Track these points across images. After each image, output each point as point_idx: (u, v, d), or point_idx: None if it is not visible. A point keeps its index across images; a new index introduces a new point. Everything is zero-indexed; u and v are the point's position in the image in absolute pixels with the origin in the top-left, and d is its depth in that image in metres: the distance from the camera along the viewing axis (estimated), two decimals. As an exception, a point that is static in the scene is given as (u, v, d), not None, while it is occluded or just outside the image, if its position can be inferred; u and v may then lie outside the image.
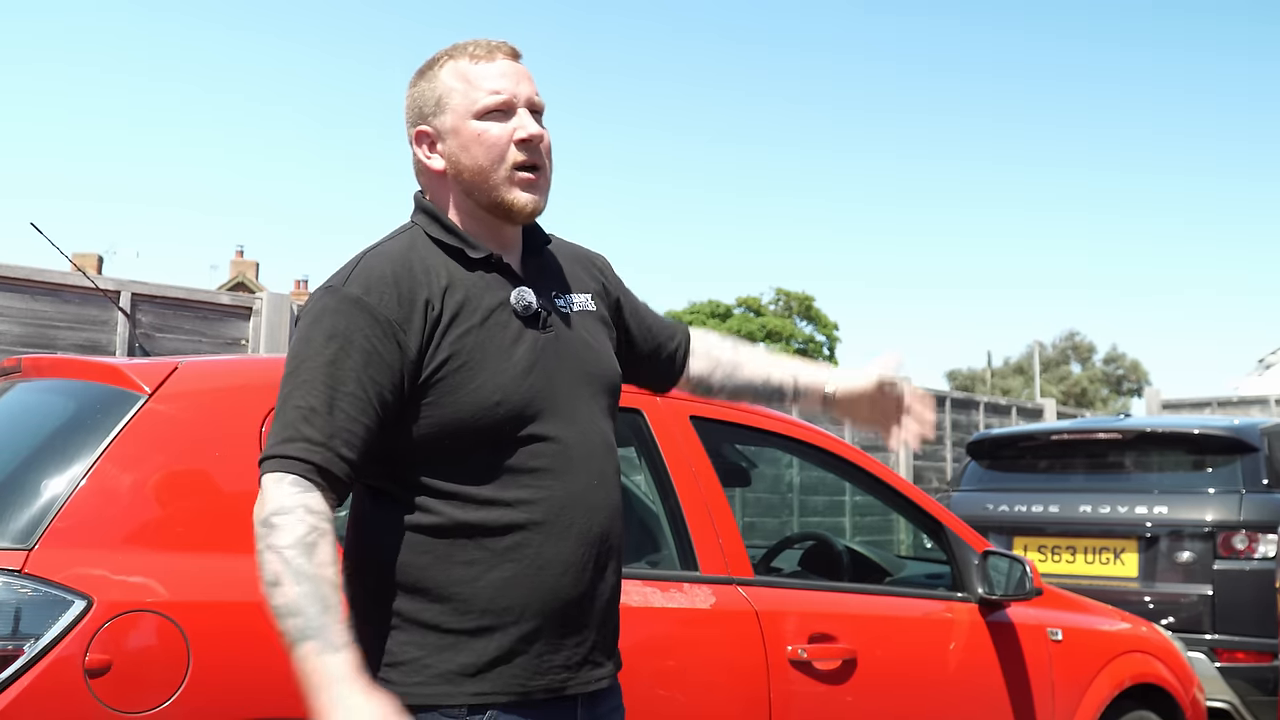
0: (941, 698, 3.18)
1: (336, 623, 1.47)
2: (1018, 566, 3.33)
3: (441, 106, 1.70)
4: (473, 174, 1.69)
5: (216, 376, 2.49)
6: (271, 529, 1.49)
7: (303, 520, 1.49)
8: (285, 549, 1.48)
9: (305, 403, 1.55)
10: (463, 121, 1.68)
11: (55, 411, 2.39)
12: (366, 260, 1.66)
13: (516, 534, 1.61)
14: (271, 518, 1.50)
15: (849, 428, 9.85)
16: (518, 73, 1.72)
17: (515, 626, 1.60)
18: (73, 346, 5.59)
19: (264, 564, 1.49)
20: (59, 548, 2.02)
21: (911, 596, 3.32)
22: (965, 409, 11.42)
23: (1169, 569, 5.54)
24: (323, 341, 1.58)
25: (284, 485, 1.51)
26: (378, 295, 1.60)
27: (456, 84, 1.69)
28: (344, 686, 1.43)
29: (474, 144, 1.68)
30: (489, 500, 1.62)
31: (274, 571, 1.48)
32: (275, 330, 6.31)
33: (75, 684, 1.93)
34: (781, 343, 37.50)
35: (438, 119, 1.71)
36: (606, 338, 1.85)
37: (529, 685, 1.61)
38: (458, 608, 1.60)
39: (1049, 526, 5.91)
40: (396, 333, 1.59)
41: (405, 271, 1.63)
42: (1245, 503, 5.49)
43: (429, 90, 1.72)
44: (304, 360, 1.58)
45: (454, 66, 1.71)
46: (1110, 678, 3.65)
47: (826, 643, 2.89)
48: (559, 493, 1.65)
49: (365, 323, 1.58)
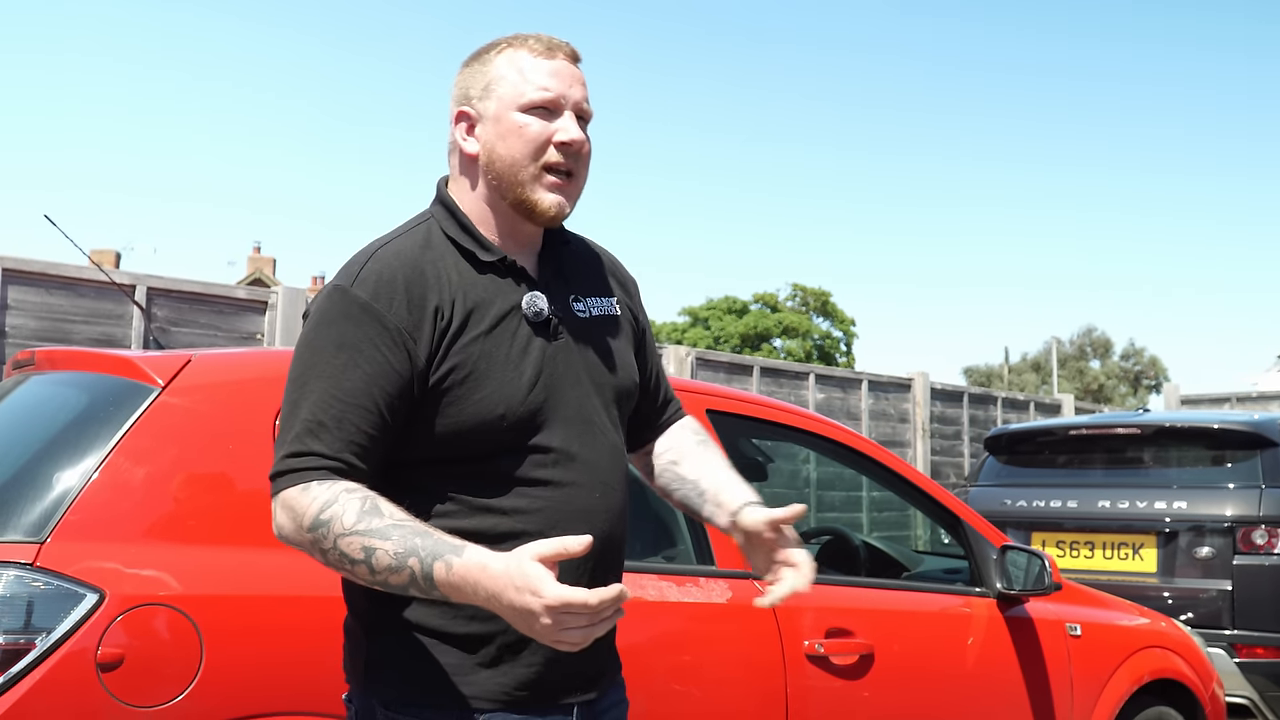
0: (959, 693, 3.16)
1: (443, 535, 1.45)
2: (1036, 561, 3.30)
3: (489, 92, 1.67)
4: (505, 165, 1.65)
5: (230, 369, 2.48)
6: (327, 524, 1.46)
7: (351, 497, 1.47)
8: (355, 526, 1.44)
9: (313, 416, 1.52)
10: (507, 111, 1.66)
11: (68, 404, 2.39)
12: (377, 259, 1.62)
13: (513, 543, 1.54)
14: (320, 515, 1.46)
15: (865, 422, 9.82)
16: (573, 75, 1.69)
17: (508, 633, 1.57)
18: (88, 340, 5.59)
19: (345, 554, 1.44)
20: (71, 541, 2.02)
21: (929, 591, 3.29)
22: (983, 404, 11.38)
23: (1188, 564, 5.50)
24: (332, 351, 1.55)
25: (312, 489, 1.49)
26: (387, 301, 1.57)
27: (509, 73, 1.67)
28: (490, 569, 1.40)
29: (513, 135, 1.65)
30: (487, 508, 1.59)
31: (359, 548, 1.44)
32: (291, 324, 6.31)
33: (87, 678, 1.92)
34: (798, 338, 37.44)
35: (483, 103, 1.68)
36: (627, 342, 1.80)
37: (519, 693, 1.59)
38: (454, 614, 1.57)
39: (1067, 522, 5.88)
40: (406, 340, 1.56)
41: (416, 275, 1.60)
42: (1265, 498, 5.45)
43: (480, 73, 1.69)
44: (311, 367, 1.56)
45: (511, 55, 1.68)
46: (1129, 673, 3.62)
47: (843, 638, 2.87)
48: (559, 503, 1.62)
49: (375, 332, 1.56)
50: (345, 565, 1.46)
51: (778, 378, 9.43)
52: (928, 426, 10.52)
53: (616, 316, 1.79)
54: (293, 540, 1.51)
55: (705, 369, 8.79)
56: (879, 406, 10.15)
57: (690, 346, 13.23)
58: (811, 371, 9.72)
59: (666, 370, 2.25)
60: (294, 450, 1.51)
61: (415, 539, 1.43)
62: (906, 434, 10.39)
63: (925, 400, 10.50)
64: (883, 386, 10.26)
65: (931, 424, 10.62)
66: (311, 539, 1.47)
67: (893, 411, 10.30)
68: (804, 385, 9.54)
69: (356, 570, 1.45)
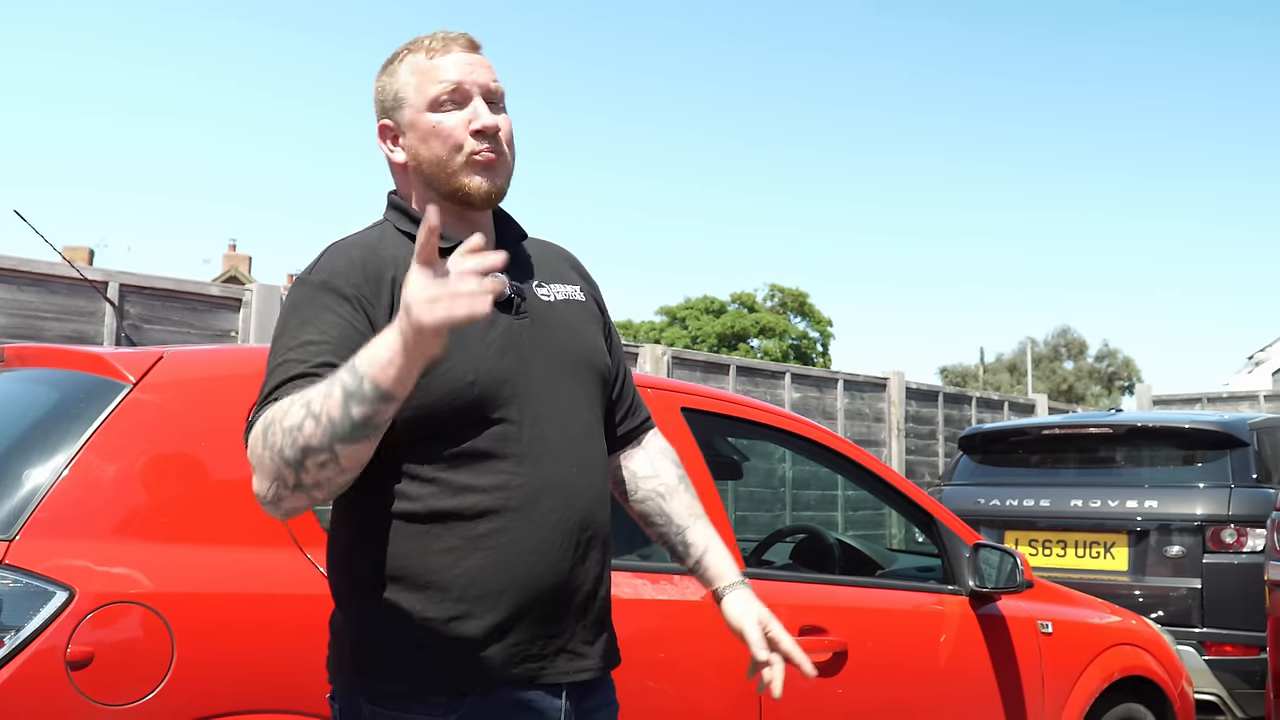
0: (932, 689, 3.18)
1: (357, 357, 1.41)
2: (1008, 559, 3.32)
3: (399, 101, 1.72)
4: (431, 165, 1.70)
5: (203, 365, 2.46)
6: (272, 419, 1.44)
7: (288, 397, 1.47)
8: (291, 403, 1.44)
9: (285, 375, 1.54)
10: (419, 115, 1.70)
11: (38, 401, 2.37)
12: (332, 250, 1.68)
13: (491, 520, 1.59)
14: (269, 422, 1.45)
15: (841, 421, 9.85)
16: (473, 62, 1.72)
17: (491, 614, 1.58)
18: (59, 337, 5.55)
19: (290, 427, 1.42)
20: (41, 538, 2.00)
21: (902, 589, 3.31)
22: (957, 404, 11.44)
23: (1159, 563, 5.55)
24: (297, 325, 1.59)
25: (260, 418, 1.49)
26: (343, 276, 1.62)
27: (411, 78, 1.71)
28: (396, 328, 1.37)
29: (431, 136, 1.69)
30: (464, 486, 1.60)
31: (298, 408, 1.42)
32: (265, 322, 6.27)
33: (57, 676, 1.90)
34: (775, 338, 37.51)
35: (398, 114, 1.72)
36: (595, 327, 1.83)
37: (505, 674, 1.59)
38: (435, 595, 1.58)
39: (1040, 521, 5.92)
40: (366, 306, 1.60)
41: (372, 255, 1.65)
42: (1234, 497, 5.50)
43: (389, 85, 1.74)
44: (277, 353, 1.58)
45: (411, 61, 1.72)
46: (1099, 670, 3.65)
47: (817, 635, 2.88)
48: (534, 479, 1.63)
49: (333, 300, 1.59)
50: (296, 439, 1.41)
51: (754, 377, 9.45)
52: (903, 426, 10.57)
53: (582, 302, 1.82)
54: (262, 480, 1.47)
55: (681, 368, 8.81)
56: (854, 406, 10.19)
57: (668, 346, 13.24)
58: (787, 371, 9.75)
59: (643, 368, 2.24)
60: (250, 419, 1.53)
61: (337, 371, 1.42)
62: (882, 433, 10.43)
63: (900, 400, 10.55)
64: (858, 386, 10.30)
65: (906, 423, 10.67)
66: (270, 450, 1.44)
67: (868, 411, 10.34)
68: (780, 384, 9.56)
69: (305, 430, 1.41)
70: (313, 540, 2.22)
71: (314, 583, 2.16)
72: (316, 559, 2.19)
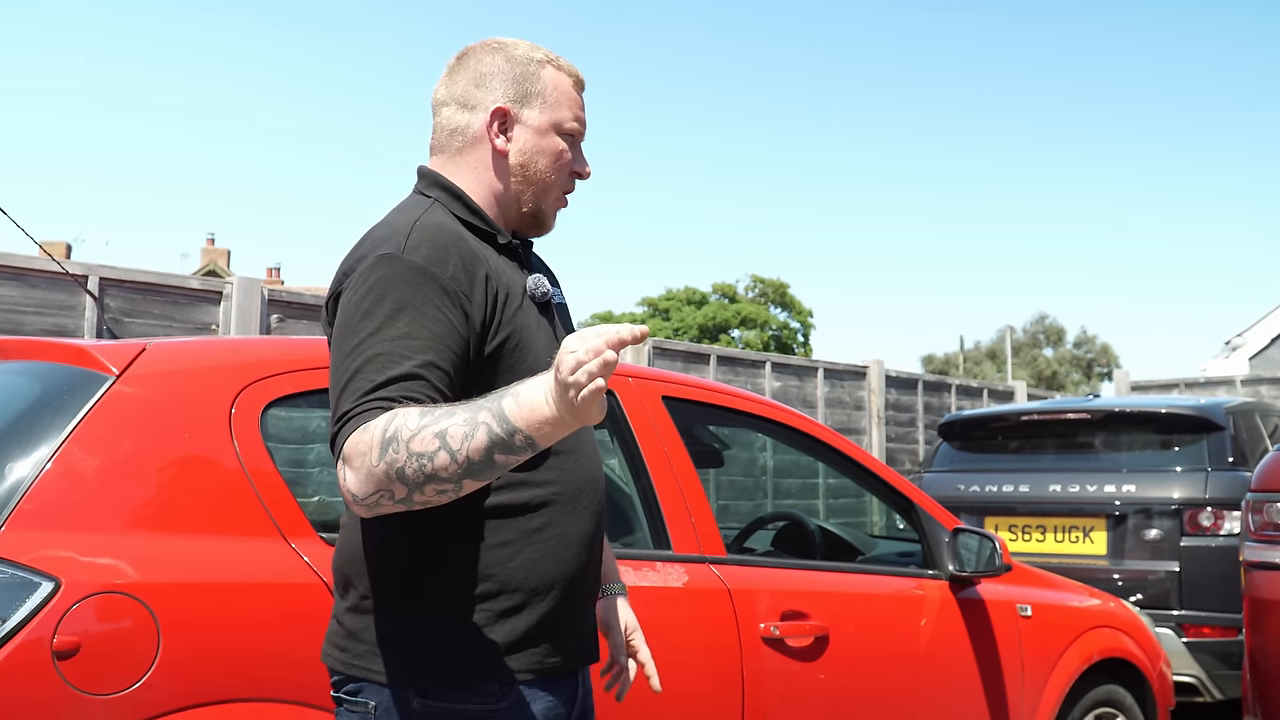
0: (912, 673, 3.21)
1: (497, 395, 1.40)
2: (987, 544, 3.36)
3: (534, 101, 1.74)
4: (539, 179, 1.74)
5: (186, 357, 2.46)
6: (395, 435, 1.39)
7: (408, 409, 1.42)
8: (420, 423, 1.39)
9: (373, 378, 1.47)
10: (551, 129, 1.74)
11: (21, 393, 2.37)
12: (421, 228, 1.60)
13: (544, 513, 1.64)
14: (386, 434, 1.40)
15: (821, 409, 9.89)
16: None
17: (541, 604, 1.63)
18: (40, 331, 5.52)
19: (420, 453, 1.37)
20: (26, 529, 2.00)
21: (883, 574, 3.34)
22: (937, 391, 11.49)
23: (1137, 547, 5.60)
24: (392, 310, 1.52)
25: (369, 425, 1.43)
26: (442, 265, 1.56)
27: (555, 93, 1.75)
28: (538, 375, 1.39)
29: (552, 155, 1.74)
30: (522, 481, 1.64)
31: (431, 436, 1.37)
32: (246, 315, 6.25)
33: (43, 666, 1.91)
34: (756, 329, 37.55)
35: (526, 109, 1.73)
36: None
37: (548, 662, 1.64)
38: (491, 589, 1.60)
39: (1019, 506, 5.96)
40: (463, 302, 1.57)
41: (463, 244, 1.62)
42: (1211, 480, 5.56)
43: (523, 77, 1.74)
44: (371, 334, 1.50)
45: (555, 76, 1.76)
46: (1078, 652, 3.69)
47: (799, 620, 2.91)
48: (577, 471, 1.70)
49: (434, 292, 1.54)
50: (425, 466, 1.38)
51: (734, 366, 9.48)
52: (883, 414, 10.62)
53: (566, 305, 1.89)
54: (367, 485, 1.42)
55: (662, 358, 8.83)
56: (835, 394, 10.23)
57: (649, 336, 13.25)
58: (768, 360, 9.78)
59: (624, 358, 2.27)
60: (349, 409, 1.46)
61: (477, 404, 1.39)
62: (862, 421, 10.48)
63: (880, 388, 10.59)
64: (838, 374, 10.34)
65: (887, 411, 10.72)
66: (386, 464, 1.39)
67: (848, 399, 10.38)
68: (760, 374, 9.59)
69: (437, 461, 1.37)
70: (298, 531, 2.23)
71: (299, 572, 2.17)
72: (301, 549, 2.20)
